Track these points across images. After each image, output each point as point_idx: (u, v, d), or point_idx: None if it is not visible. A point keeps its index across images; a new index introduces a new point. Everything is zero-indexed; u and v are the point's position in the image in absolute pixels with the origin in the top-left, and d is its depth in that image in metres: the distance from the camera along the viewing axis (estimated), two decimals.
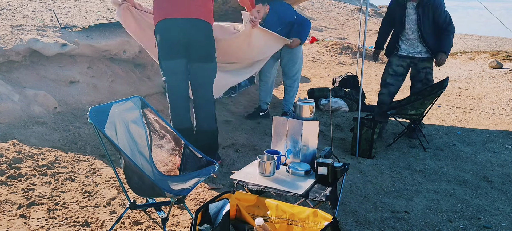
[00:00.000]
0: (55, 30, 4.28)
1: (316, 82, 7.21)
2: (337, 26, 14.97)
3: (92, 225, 2.23)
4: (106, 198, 2.53)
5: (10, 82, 3.61)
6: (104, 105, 2.04)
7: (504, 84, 6.41)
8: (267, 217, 1.77)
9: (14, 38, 3.82)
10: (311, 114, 2.36)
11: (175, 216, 2.40)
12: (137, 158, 2.17)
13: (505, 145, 4.13)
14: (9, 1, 5.14)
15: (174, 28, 2.81)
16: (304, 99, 2.40)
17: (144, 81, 4.87)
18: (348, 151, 3.80)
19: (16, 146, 2.90)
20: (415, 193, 2.98)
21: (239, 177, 2.13)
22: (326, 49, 10.00)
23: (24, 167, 2.67)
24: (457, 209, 2.77)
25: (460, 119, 5.09)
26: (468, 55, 9.09)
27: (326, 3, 18.88)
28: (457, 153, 3.87)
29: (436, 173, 3.40)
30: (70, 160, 2.94)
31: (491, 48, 10.52)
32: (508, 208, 2.81)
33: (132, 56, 4.67)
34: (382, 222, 2.53)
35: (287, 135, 2.35)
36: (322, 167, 2.10)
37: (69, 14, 5.18)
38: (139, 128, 2.24)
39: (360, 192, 2.95)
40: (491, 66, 7.58)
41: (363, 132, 3.64)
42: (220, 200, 1.74)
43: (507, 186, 3.18)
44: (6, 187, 2.42)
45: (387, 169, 3.43)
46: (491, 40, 12.83)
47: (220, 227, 1.58)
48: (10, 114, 3.27)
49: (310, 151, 2.35)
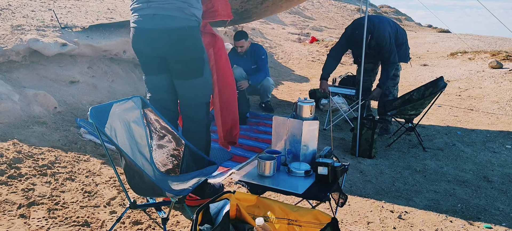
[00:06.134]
0: (55, 30, 4.28)
1: (316, 82, 7.21)
2: (337, 26, 14.97)
3: (92, 225, 2.23)
4: (106, 198, 2.53)
5: (10, 82, 3.61)
6: (104, 104, 2.04)
7: (504, 84, 6.41)
8: (267, 217, 1.77)
9: (14, 38, 3.81)
10: (311, 115, 2.36)
11: (175, 216, 2.40)
12: (138, 157, 2.17)
13: (505, 145, 4.13)
14: (9, 1, 5.14)
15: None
16: (304, 99, 2.39)
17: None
18: (348, 151, 3.80)
19: (16, 146, 2.90)
20: (415, 193, 2.98)
21: (239, 177, 2.13)
22: (326, 49, 10.00)
23: (24, 167, 2.67)
24: (457, 209, 2.77)
25: (460, 119, 5.09)
26: (468, 55, 9.09)
27: (326, 3, 18.88)
28: (457, 153, 3.87)
29: (436, 173, 3.40)
30: (70, 160, 2.94)
31: (491, 48, 10.52)
32: (508, 208, 2.81)
33: (132, 56, 4.67)
34: (382, 222, 2.53)
35: (287, 135, 2.35)
36: (322, 167, 2.10)
37: (69, 14, 5.18)
38: (139, 128, 2.24)
39: (360, 192, 2.95)
40: (491, 66, 7.58)
41: (363, 132, 3.64)
42: (220, 200, 1.74)
43: (507, 186, 3.18)
44: (6, 187, 2.42)
45: (387, 169, 3.43)
46: (491, 40, 12.83)
47: (220, 227, 1.58)
48: (10, 114, 3.27)
49: (310, 151, 2.35)
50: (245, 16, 4.68)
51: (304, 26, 13.60)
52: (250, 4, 4.20)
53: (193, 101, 2.43)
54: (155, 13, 2.20)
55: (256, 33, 9.63)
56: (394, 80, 4.32)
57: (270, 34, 10.66)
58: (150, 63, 2.36)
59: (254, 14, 4.72)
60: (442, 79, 3.91)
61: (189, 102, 2.43)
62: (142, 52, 2.35)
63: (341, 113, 4.70)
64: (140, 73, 4.90)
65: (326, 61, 4.40)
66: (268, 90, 5.10)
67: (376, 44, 4.02)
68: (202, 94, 2.44)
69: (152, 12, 2.21)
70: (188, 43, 2.29)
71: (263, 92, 5.09)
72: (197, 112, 2.45)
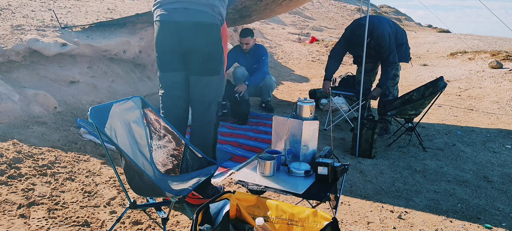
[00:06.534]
0: (55, 30, 4.28)
1: (316, 82, 7.21)
2: (337, 26, 14.97)
3: (92, 225, 2.23)
4: (106, 198, 2.53)
5: (10, 82, 3.61)
6: (104, 104, 2.04)
7: (504, 84, 6.41)
8: (267, 217, 1.77)
9: (14, 38, 3.82)
10: (311, 115, 2.36)
11: (175, 216, 2.40)
12: (138, 157, 2.17)
13: (505, 145, 4.13)
14: (9, 1, 5.14)
15: None
16: (304, 99, 2.39)
17: (144, 81, 4.87)
18: (348, 151, 3.80)
19: (16, 146, 2.90)
20: (415, 193, 2.98)
21: (239, 177, 2.13)
22: (326, 49, 10.00)
23: (24, 167, 2.67)
24: (457, 209, 2.77)
25: (460, 119, 5.09)
26: (468, 55, 9.09)
27: (326, 3, 18.88)
28: (457, 153, 3.87)
29: (436, 173, 3.40)
30: (70, 160, 2.94)
31: (491, 48, 10.52)
32: (508, 208, 2.81)
33: (132, 56, 4.67)
34: (382, 222, 2.53)
35: (287, 135, 2.35)
36: (322, 167, 2.10)
37: (69, 14, 5.18)
38: (139, 128, 2.24)
39: (360, 192, 2.95)
40: (491, 66, 7.58)
41: (363, 132, 3.64)
42: (220, 200, 1.74)
43: (507, 186, 3.18)
44: (6, 187, 2.42)
45: (387, 169, 3.43)
46: (491, 40, 12.82)
47: (220, 227, 1.58)
48: (10, 114, 3.27)
49: (310, 151, 2.35)
50: (244, 14, 4.67)
51: (304, 26, 13.61)
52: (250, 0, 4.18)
53: (206, 99, 2.46)
54: (187, 7, 2.28)
55: (256, 33, 9.63)
56: (393, 80, 4.32)
57: (270, 34, 10.67)
58: (171, 60, 2.39)
59: (254, 12, 4.70)
60: (442, 79, 3.91)
61: (202, 100, 2.46)
62: (167, 47, 2.38)
63: (341, 114, 4.70)
64: (140, 73, 4.90)
65: (328, 62, 4.41)
66: (270, 89, 5.11)
67: (376, 44, 4.02)
68: (215, 93, 2.49)
69: (183, 6, 2.29)
70: (213, 40, 2.36)
71: (265, 91, 5.08)
72: (209, 110, 2.48)
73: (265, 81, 4.97)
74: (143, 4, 7.12)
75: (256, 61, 5.00)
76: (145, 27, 4.73)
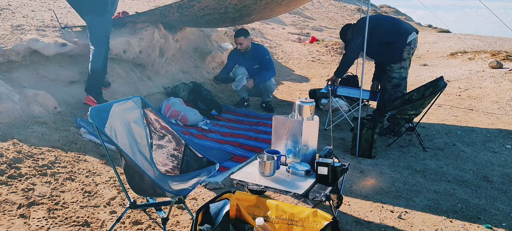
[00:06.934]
0: (55, 30, 4.28)
1: (316, 82, 7.21)
2: (337, 26, 14.95)
3: (92, 225, 2.23)
4: (106, 198, 2.53)
5: (10, 82, 3.61)
6: (104, 104, 2.04)
7: (504, 84, 6.41)
8: (267, 217, 1.77)
9: (14, 38, 3.82)
10: (311, 114, 2.36)
11: (175, 216, 2.40)
12: (138, 157, 2.17)
13: (505, 145, 4.13)
14: (9, 1, 5.14)
15: None
16: (304, 99, 2.39)
17: (144, 81, 4.87)
18: (348, 151, 3.80)
19: (16, 145, 2.90)
20: (415, 193, 2.98)
21: (239, 177, 2.13)
22: (326, 49, 10.00)
23: (24, 167, 2.67)
24: (457, 209, 2.77)
25: (460, 119, 5.09)
26: (468, 55, 9.09)
27: (326, 3, 18.88)
28: (457, 153, 3.87)
29: (436, 173, 3.40)
30: (70, 160, 2.94)
31: (491, 48, 10.52)
32: (508, 208, 2.81)
33: (132, 56, 4.67)
34: (382, 222, 2.53)
35: (287, 135, 2.35)
36: (322, 167, 2.10)
37: (69, 14, 5.18)
38: (139, 128, 2.24)
39: (360, 192, 2.95)
40: (491, 66, 7.58)
41: (363, 132, 3.64)
42: (220, 200, 1.74)
43: (507, 186, 3.18)
44: (6, 187, 2.42)
45: (387, 169, 3.43)
46: (491, 40, 12.82)
47: (220, 227, 1.58)
48: (10, 114, 3.27)
49: (310, 151, 2.35)
50: (244, 13, 4.65)
51: (304, 26, 13.59)
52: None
53: None
54: None
55: (256, 33, 9.63)
56: (397, 88, 4.22)
57: (270, 34, 10.66)
58: None
59: (254, 11, 4.68)
60: (442, 79, 3.91)
61: None
62: None
63: (342, 114, 4.70)
64: (140, 73, 4.90)
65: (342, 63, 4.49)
66: (270, 90, 5.14)
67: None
68: None
69: None
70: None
71: (264, 92, 5.11)
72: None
73: (265, 83, 5.01)
74: (143, 4, 7.12)
75: (257, 62, 5.04)
76: (145, 27, 4.73)
